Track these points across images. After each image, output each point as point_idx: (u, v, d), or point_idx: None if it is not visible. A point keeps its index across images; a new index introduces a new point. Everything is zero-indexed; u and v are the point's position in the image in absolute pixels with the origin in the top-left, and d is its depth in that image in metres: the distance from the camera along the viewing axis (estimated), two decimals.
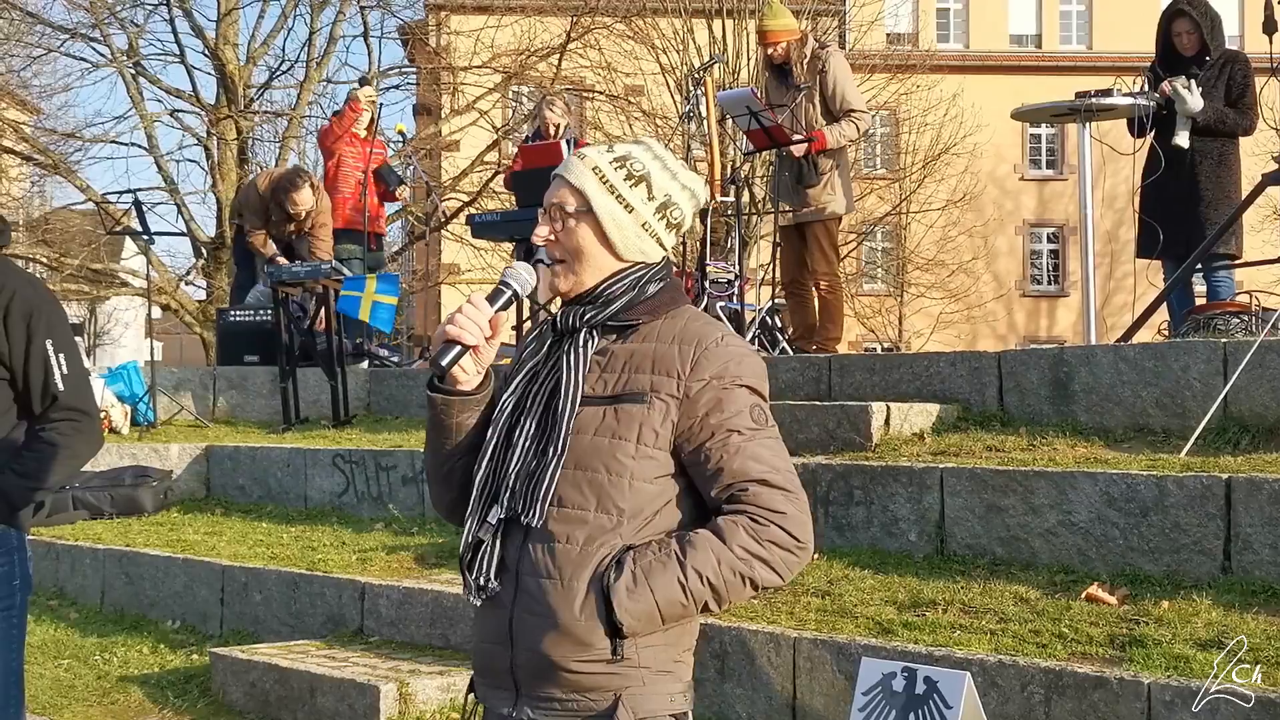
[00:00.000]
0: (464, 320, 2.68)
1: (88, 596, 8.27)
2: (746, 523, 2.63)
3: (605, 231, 2.74)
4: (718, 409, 2.66)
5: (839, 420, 6.84)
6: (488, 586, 2.70)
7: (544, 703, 2.68)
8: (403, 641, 6.41)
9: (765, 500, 2.64)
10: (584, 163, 2.76)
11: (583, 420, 2.68)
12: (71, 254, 24.57)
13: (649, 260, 2.79)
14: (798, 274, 9.18)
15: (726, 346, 2.71)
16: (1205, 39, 8.29)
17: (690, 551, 2.61)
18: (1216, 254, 7.89)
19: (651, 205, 2.76)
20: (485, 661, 2.76)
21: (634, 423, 2.66)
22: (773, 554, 2.63)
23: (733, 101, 9.19)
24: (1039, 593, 5.16)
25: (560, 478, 2.65)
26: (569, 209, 2.74)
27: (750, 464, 2.65)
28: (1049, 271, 40.89)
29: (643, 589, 2.58)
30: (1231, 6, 36.11)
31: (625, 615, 2.58)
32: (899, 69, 28.49)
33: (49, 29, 24.05)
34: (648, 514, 2.67)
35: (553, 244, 2.75)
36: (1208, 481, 5.13)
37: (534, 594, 2.65)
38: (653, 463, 2.66)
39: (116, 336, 40.19)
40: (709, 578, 2.60)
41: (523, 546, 2.68)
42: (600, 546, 2.62)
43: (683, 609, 2.62)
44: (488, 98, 23.33)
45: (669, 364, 2.68)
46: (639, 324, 2.74)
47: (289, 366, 10.29)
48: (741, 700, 5.12)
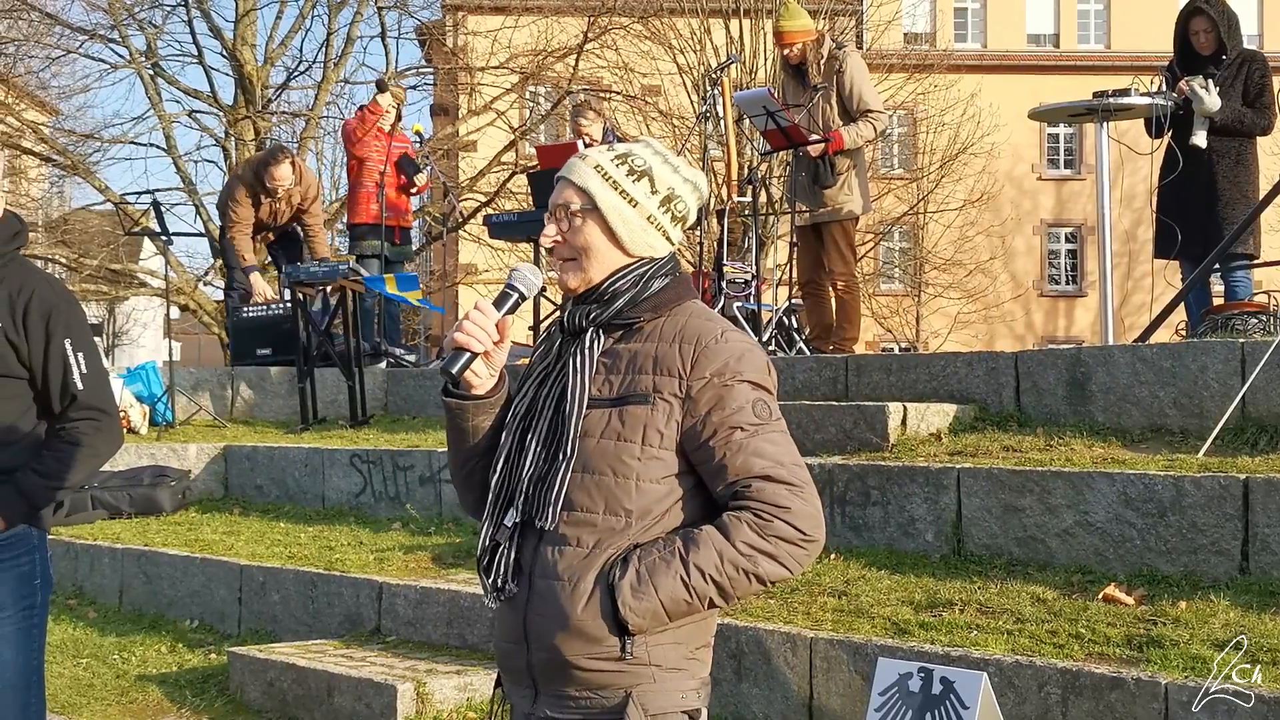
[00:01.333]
0: (471, 327, 2.72)
1: (106, 596, 8.30)
2: (751, 518, 2.65)
3: (611, 227, 2.77)
4: (719, 406, 2.68)
5: (856, 420, 6.83)
6: (504, 588, 2.74)
7: (559, 700, 2.72)
8: (420, 641, 6.43)
9: (769, 496, 2.66)
10: (586, 163, 2.80)
11: (590, 423, 2.71)
12: (90, 254, 24.69)
13: (656, 255, 2.82)
14: (815, 274, 9.17)
15: (726, 343, 2.73)
16: (1222, 37, 8.27)
17: (693, 549, 2.63)
18: (1235, 253, 7.87)
19: (655, 199, 2.80)
20: (506, 661, 2.81)
21: (639, 424, 2.69)
22: (779, 549, 2.66)
23: (750, 102, 9.19)
24: (1056, 593, 5.15)
25: (570, 481, 2.68)
26: (574, 208, 2.77)
27: (754, 460, 2.67)
28: (1067, 271, 40.79)
29: (646, 587, 2.62)
30: (1250, 6, 36.04)
31: (630, 613, 2.62)
32: (916, 68, 28.40)
33: (68, 30, 24.16)
34: (656, 514, 2.69)
35: (560, 244, 2.78)
36: (1225, 482, 5.11)
37: (545, 595, 2.69)
38: (659, 463, 2.69)
39: (135, 337, 40.33)
40: (711, 575, 2.63)
41: (537, 549, 2.72)
42: (609, 549, 2.66)
43: (687, 606, 2.64)
44: (505, 98, 23.35)
45: (670, 363, 2.71)
46: (642, 323, 2.77)
47: (307, 367, 10.31)
48: (758, 700, 5.12)
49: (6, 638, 3.95)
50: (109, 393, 4.09)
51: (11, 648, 3.96)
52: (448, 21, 27.37)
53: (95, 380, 4.01)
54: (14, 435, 3.95)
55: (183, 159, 24.50)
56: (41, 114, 27.50)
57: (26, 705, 4.01)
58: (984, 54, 38.74)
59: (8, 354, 3.92)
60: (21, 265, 4.03)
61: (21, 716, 3.98)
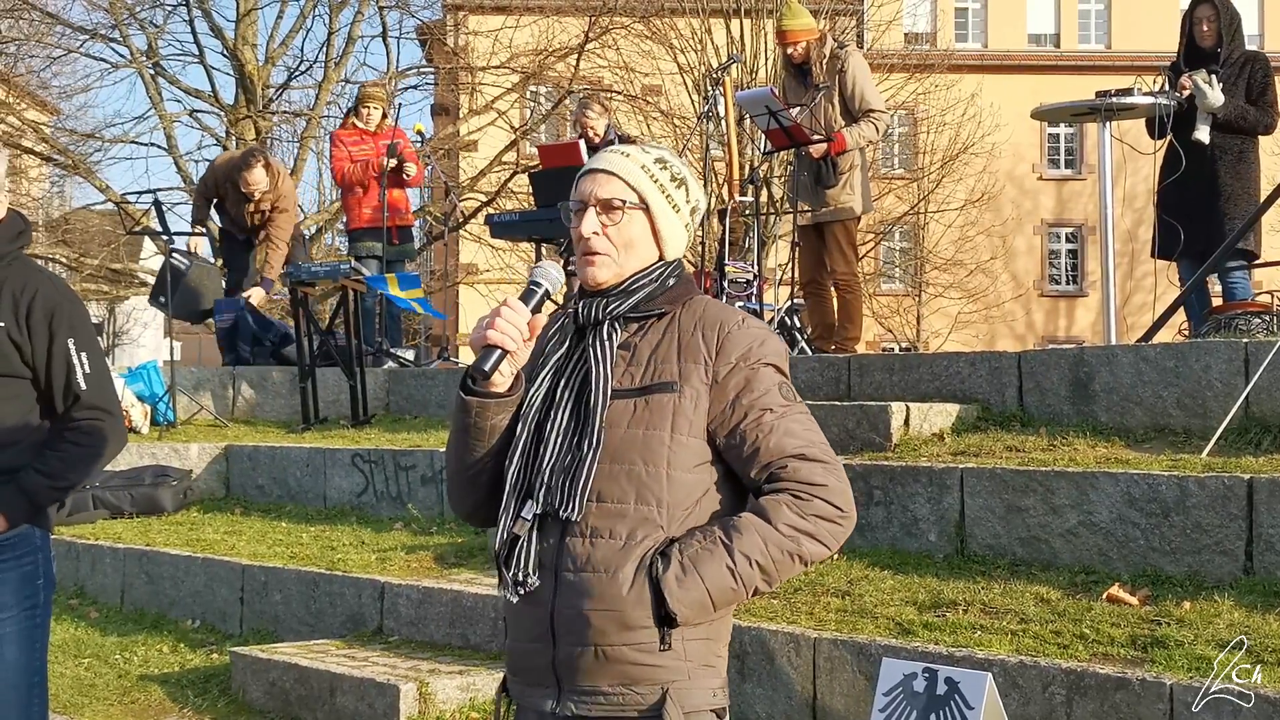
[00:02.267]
0: (504, 324, 2.68)
1: (108, 596, 8.29)
2: (789, 499, 2.67)
3: (658, 227, 2.80)
4: (748, 390, 2.71)
5: (858, 420, 6.83)
6: (527, 582, 2.70)
7: (589, 696, 2.68)
8: (422, 641, 6.42)
9: (805, 475, 2.68)
10: (632, 161, 2.81)
11: (613, 414, 2.70)
12: (91, 254, 24.68)
13: (678, 257, 2.87)
14: (816, 274, 9.16)
15: (749, 329, 2.76)
16: (1222, 32, 8.27)
17: (736, 536, 2.64)
18: (1236, 250, 7.86)
19: (689, 207, 2.86)
20: (523, 660, 2.76)
21: (666, 412, 2.69)
22: (819, 527, 2.67)
23: (751, 101, 9.18)
24: (1060, 593, 5.15)
25: (596, 472, 2.67)
26: (627, 202, 2.77)
27: (786, 440, 2.69)
28: (1067, 271, 40.80)
29: (692, 578, 2.61)
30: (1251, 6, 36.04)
31: (678, 605, 2.61)
32: (917, 68, 28.39)
33: (68, 30, 24.18)
34: (687, 504, 2.69)
35: (599, 237, 2.76)
36: (1229, 482, 5.11)
37: (577, 588, 2.65)
38: (689, 451, 2.69)
39: (135, 336, 40.33)
40: (758, 560, 2.63)
41: (561, 542, 2.69)
42: (644, 539, 2.65)
43: (733, 594, 2.64)
44: (506, 98, 23.34)
45: (695, 351, 2.72)
46: (659, 315, 2.79)
47: (308, 366, 10.30)
48: (761, 700, 5.12)
49: (9, 637, 3.95)
50: (113, 392, 4.08)
51: (14, 647, 3.96)
52: (449, 21, 27.38)
53: (99, 380, 4.01)
54: (17, 435, 3.94)
55: (184, 158, 24.54)
56: (42, 113, 27.49)
57: (29, 705, 4.00)
58: (985, 54, 38.76)
59: (11, 354, 3.91)
60: (25, 265, 4.03)
61: (24, 716, 3.98)
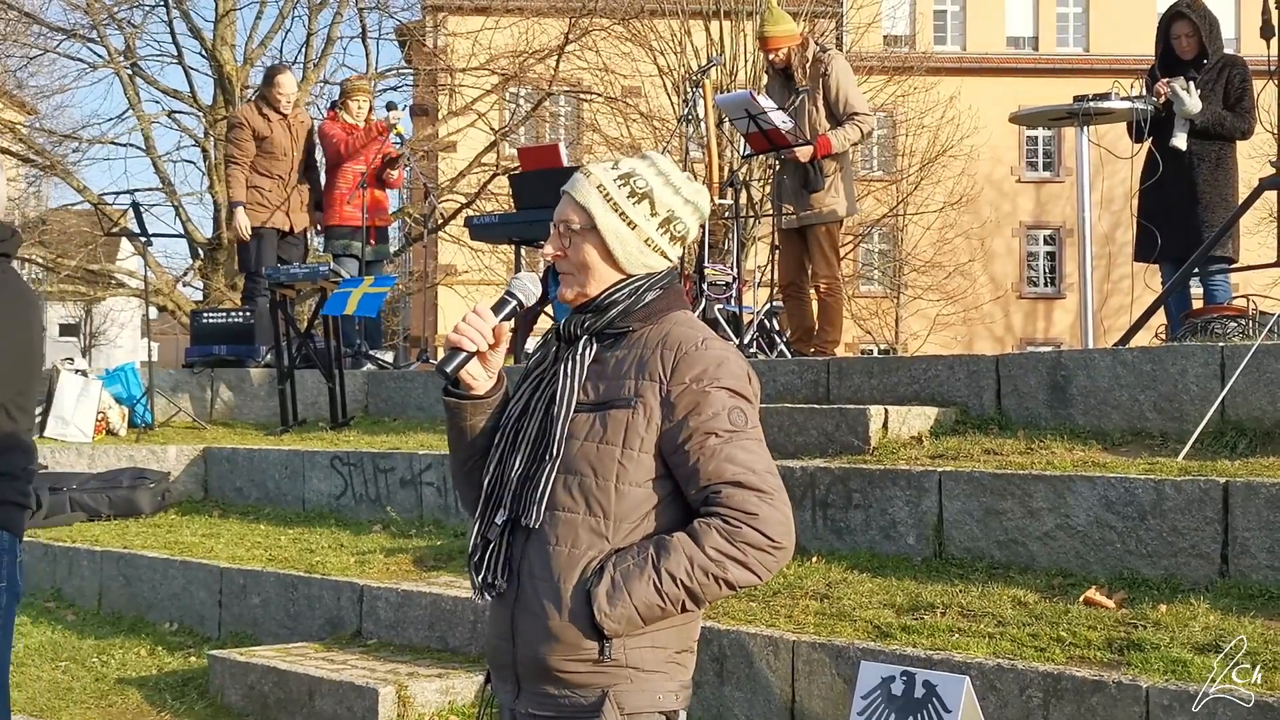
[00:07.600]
0: (466, 328, 2.82)
1: (85, 598, 8.26)
2: (719, 524, 2.72)
3: (609, 248, 2.85)
4: (696, 412, 2.75)
5: (837, 423, 6.84)
6: (494, 585, 2.83)
7: (539, 697, 2.81)
8: (401, 644, 6.41)
9: (738, 502, 2.72)
10: (589, 180, 2.87)
11: (576, 426, 2.79)
12: (68, 255, 24.56)
13: (653, 271, 2.90)
14: (796, 276, 9.16)
15: (706, 350, 2.80)
16: (1204, 42, 8.30)
17: (663, 555, 2.71)
18: (1214, 256, 7.90)
19: (654, 221, 2.87)
20: (493, 657, 2.91)
21: (620, 427, 2.77)
22: (747, 555, 2.72)
23: (731, 105, 9.18)
24: (1037, 596, 5.17)
25: (555, 482, 2.77)
26: (575, 226, 2.86)
27: (725, 466, 2.74)
28: (1045, 273, 40.95)
29: (620, 593, 2.70)
30: (1228, 10, 36.18)
31: (605, 619, 2.70)
32: (896, 71, 28.47)
33: (46, 29, 24.04)
34: (635, 518, 2.77)
35: (560, 259, 2.88)
36: (1205, 485, 5.13)
37: (530, 594, 2.78)
38: (640, 466, 2.77)
39: (113, 337, 40.21)
40: (682, 580, 2.70)
41: (524, 548, 2.81)
42: (589, 549, 2.75)
43: (660, 610, 2.72)
44: (485, 99, 23.31)
45: (651, 369, 2.79)
46: (631, 331, 2.85)
47: (287, 368, 10.28)
48: (740, 703, 5.13)
49: None
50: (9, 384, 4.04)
51: None
52: (428, 22, 27.28)
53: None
54: None
55: (162, 159, 24.43)
56: (19, 113, 27.34)
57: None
58: (963, 56, 38.88)
59: None
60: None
61: None
